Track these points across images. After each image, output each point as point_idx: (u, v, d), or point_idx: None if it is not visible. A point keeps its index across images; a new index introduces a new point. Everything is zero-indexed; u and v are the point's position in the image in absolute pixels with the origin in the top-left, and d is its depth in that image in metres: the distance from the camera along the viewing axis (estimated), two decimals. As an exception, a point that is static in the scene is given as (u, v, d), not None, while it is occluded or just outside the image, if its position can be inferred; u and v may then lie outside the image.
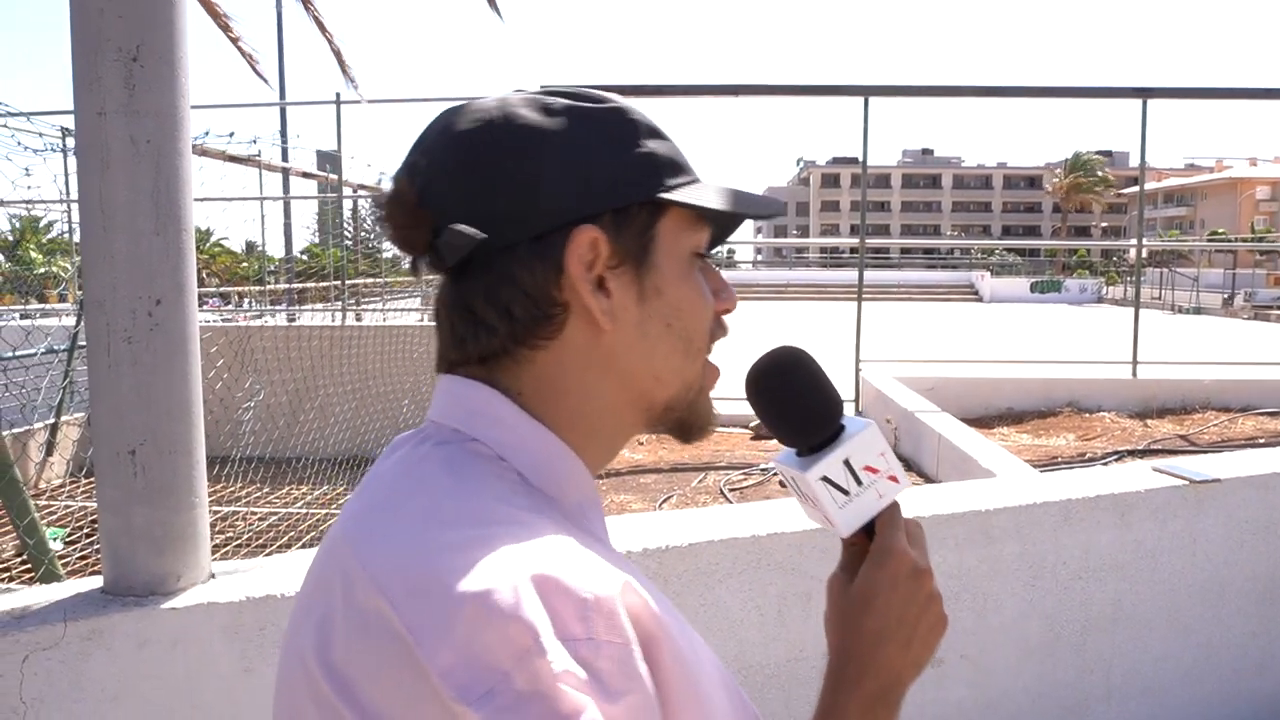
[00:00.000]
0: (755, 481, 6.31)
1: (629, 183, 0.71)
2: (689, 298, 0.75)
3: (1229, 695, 2.97)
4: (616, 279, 0.71)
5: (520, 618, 0.55)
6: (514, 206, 0.69)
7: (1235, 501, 2.89)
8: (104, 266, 1.76)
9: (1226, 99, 8.94)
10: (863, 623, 0.76)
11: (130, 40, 1.73)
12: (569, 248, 0.69)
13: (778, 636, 2.36)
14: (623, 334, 0.72)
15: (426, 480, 0.67)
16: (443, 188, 0.70)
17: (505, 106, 0.72)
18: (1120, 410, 8.20)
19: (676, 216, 0.74)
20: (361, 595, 0.60)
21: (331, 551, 0.67)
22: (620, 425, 0.76)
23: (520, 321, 0.70)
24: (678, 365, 0.75)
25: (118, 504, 1.83)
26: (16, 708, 1.68)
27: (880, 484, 0.78)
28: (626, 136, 0.73)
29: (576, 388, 0.72)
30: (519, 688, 0.54)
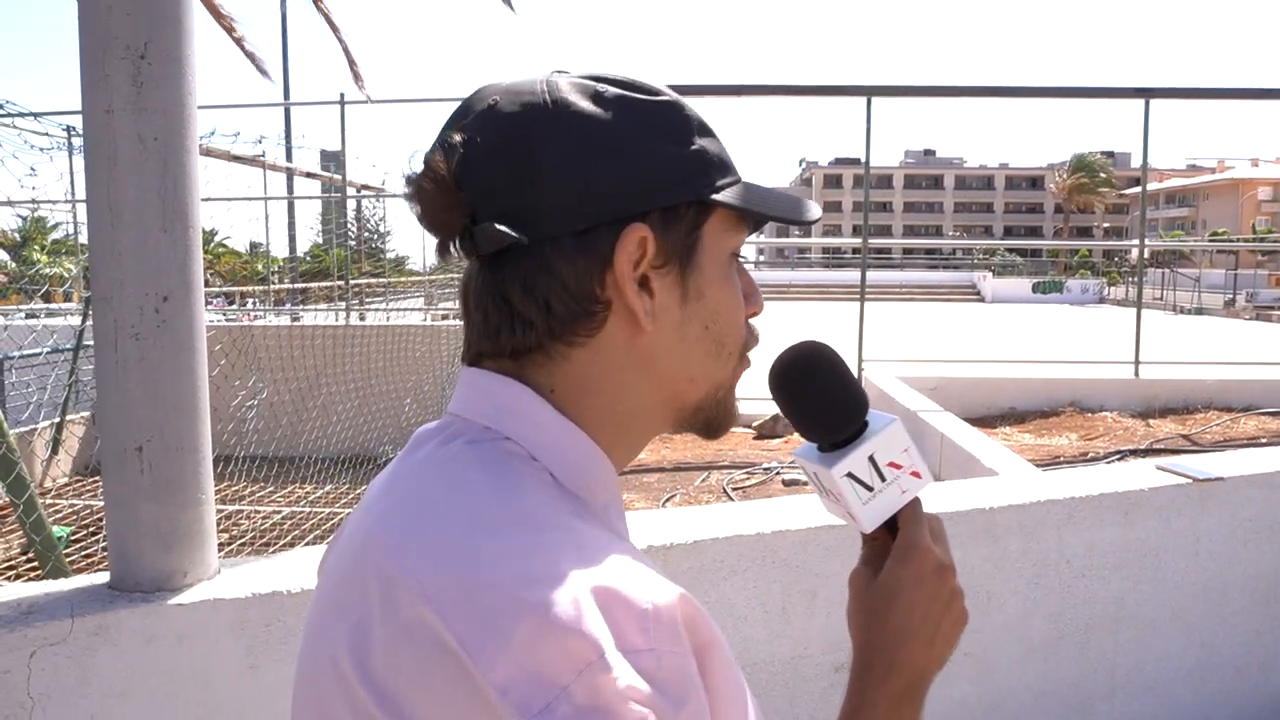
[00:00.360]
0: (758, 480, 6.31)
1: (680, 181, 0.69)
2: (727, 301, 0.73)
3: (1232, 694, 2.97)
4: (660, 279, 0.69)
5: (583, 631, 0.54)
6: (561, 197, 0.66)
7: (1239, 500, 2.89)
8: (111, 263, 1.77)
9: (1228, 99, 8.94)
10: (888, 619, 0.76)
11: (138, 38, 1.74)
12: (620, 245, 0.67)
13: (782, 634, 2.36)
14: (662, 335, 0.70)
15: (463, 481, 0.65)
16: (484, 171, 0.67)
17: (554, 91, 0.68)
18: (1123, 410, 8.20)
19: (721, 217, 0.72)
20: (404, 602, 0.58)
21: (363, 552, 0.65)
22: (650, 425, 0.75)
23: (559, 316, 0.68)
24: (710, 368, 0.73)
25: (125, 500, 1.83)
26: (24, 703, 1.69)
27: (903, 480, 0.78)
28: (679, 132, 0.70)
29: (611, 388, 0.70)
30: (580, 702, 0.53)
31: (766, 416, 7.85)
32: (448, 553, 0.59)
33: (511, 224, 0.66)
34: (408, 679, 0.57)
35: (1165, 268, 39.06)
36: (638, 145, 0.68)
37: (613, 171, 0.67)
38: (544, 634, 0.54)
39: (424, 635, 0.56)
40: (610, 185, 0.67)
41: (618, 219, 0.67)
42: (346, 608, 0.63)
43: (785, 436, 7.72)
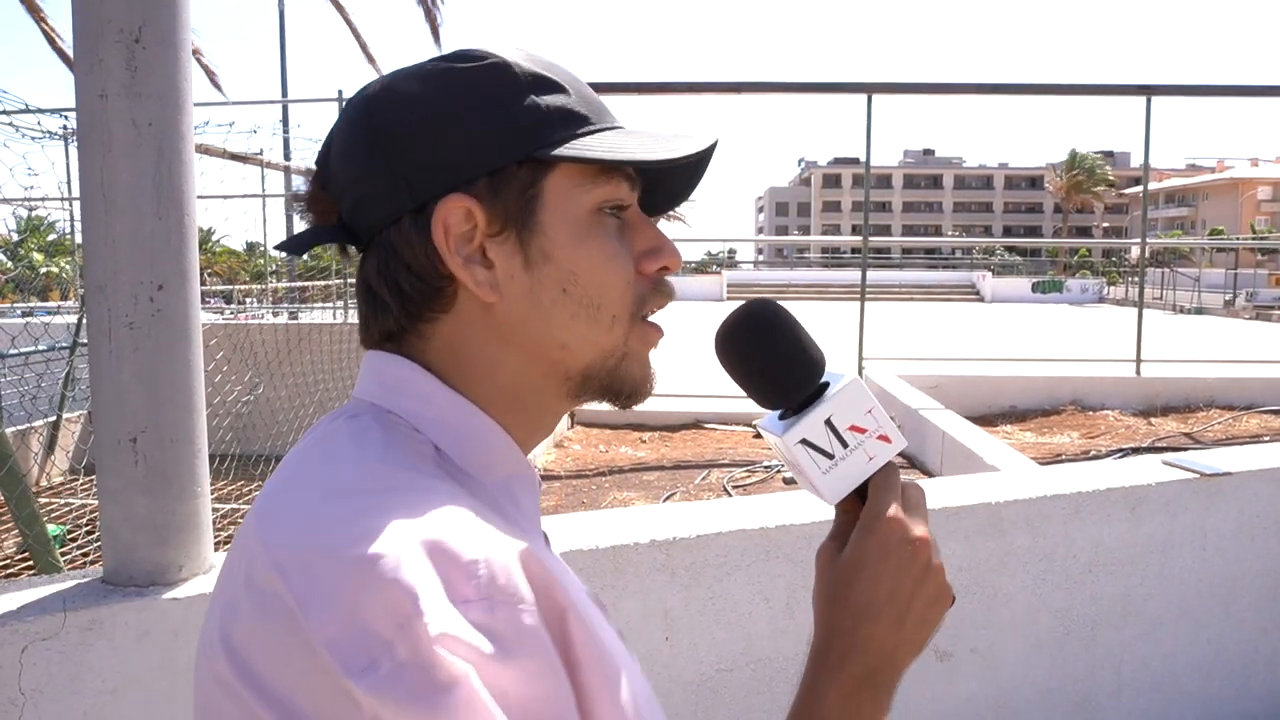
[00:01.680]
0: (759, 479, 6.28)
1: (502, 143, 0.66)
2: (588, 260, 0.69)
3: (1239, 691, 2.94)
4: (498, 246, 0.67)
5: (400, 581, 0.52)
6: (390, 181, 0.66)
7: (1246, 495, 2.86)
8: (105, 251, 1.74)
9: (1230, 96, 8.92)
10: (849, 595, 0.70)
11: (132, 21, 1.71)
12: (433, 219, 0.66)
13: (786, 629, 2.33)
14: (513, 304, 0.68)
15: (331, 454, 0.64)
16: (337, 169, 0.69)
17: (388, 79, 0.69)
18: (1124, 408, 8.18)
19: (568, 173, 0.68)
20: (260, 574, 0.57)
21: (241, 534, 0.64)
22: (542, 396, 0.72)
23: (410, 298, 0.68)
24: (586, 332, 0.69)
25: (119, 493, 1.80)
26: (15, 699, 1.66)
27: (869, 445, 0.71)
28: (502, 94, 0.67)
29: (482, 361, 0.69)
30: (401, 657, 0.51)
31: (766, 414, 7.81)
32: (297, 522, 0.58)
33: (359, 215, 0.68)
34: (262, 648, 0.56)
35: (1165, 267, 39.07)
36: (453, 115, 0.66)
37: (431, 146, 0.66)
38: (366, 589, 0.52)
39: (273, 603, 0.56)
40: (430, 160, 0.66)
41: (442, 193, 0.66)
42: (222, 589, 0.62)
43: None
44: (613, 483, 6.27)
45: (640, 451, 7.29)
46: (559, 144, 0.67)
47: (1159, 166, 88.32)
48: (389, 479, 0.61)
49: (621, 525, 2.26)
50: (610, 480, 6.32)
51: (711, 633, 2.27)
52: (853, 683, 0.68)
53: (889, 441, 0.72)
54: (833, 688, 0.68)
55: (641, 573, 2.19)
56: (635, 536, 2.19)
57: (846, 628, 0.69)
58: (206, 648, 0.61)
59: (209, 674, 0.60)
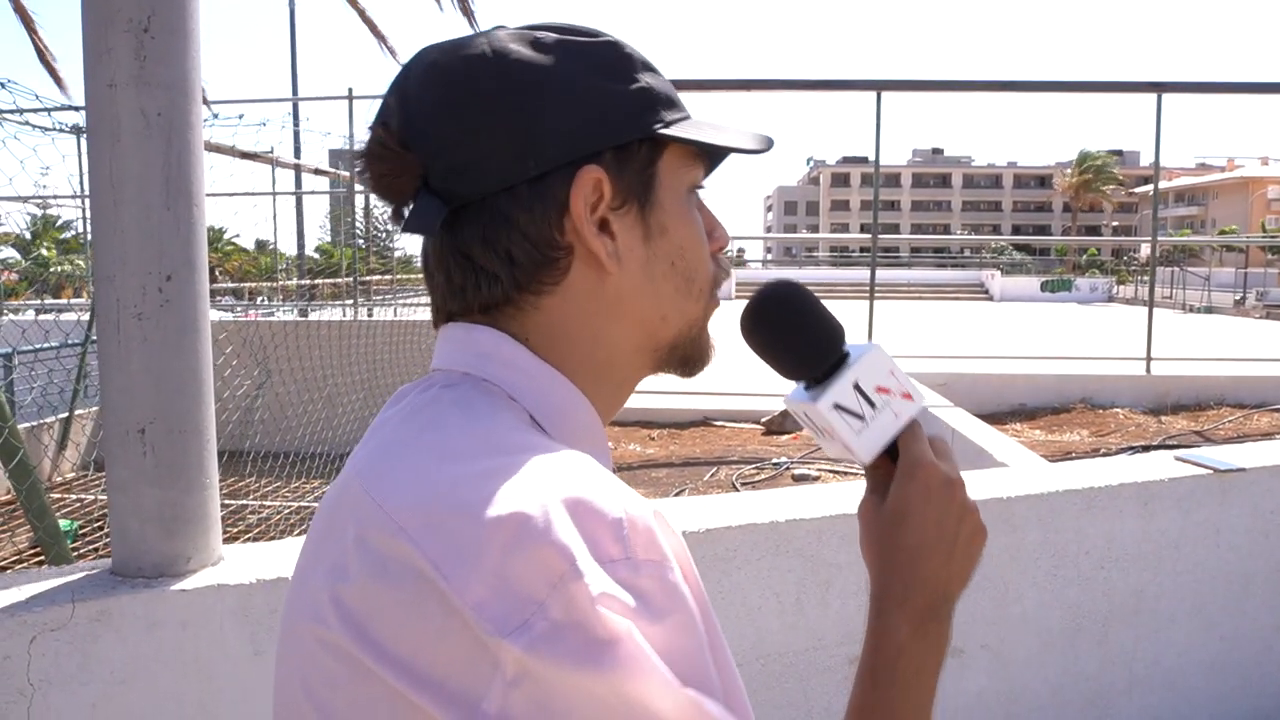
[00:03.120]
0: (767, 475, 6.27)
1: (629, 119, 0.68)
2: (690, 236, 0.72)
3: (1252, 689, 2.92)
4: (620, 219, 0.68)
5: (554, 541, 0.53)
6: (511, 147, 0.65)
7: (1260, 491, 2.84)
8: (114, 241, 1.73)
9: (1241, 94, 8.88)
10: (901, 539, 0.73)
11: (141, 11, 1.70)
12: (574, 189, 0.66)
13: (796, 624, 2.32)
14: (629, 276, 0.69)
15: (437, 419, 0.64)
16: (430, 129, 0.66)
17: (494, 42, 0.68)
18: (1134, 406, 8.14)
19: (675, 152, 0.71)
20: (377, 535, 0.57)
21: (340, 497, 0.64)
22: (630, 369, 0.74)
23: (522, 266, 0.67)
24: (682, 304, 0.73)
25: (127, 484, 1.80)
26: (24, 689, 1.66)
27: (895, 403, 0.76)
28: (623, 70, 0.69)
29: (585, 333, 0.70)
30: (555, 616, 0.52)
31: (775, 412, 7.81)
32: (418, 484, 0.58)
33: (463, 180, 0.66)
34: (384, 612, 0.55)
35: (1174, 266, 38.91)
36: (582, 87, 0.67)
37: (560, 115, 0.66)
38: (515, 549, 0.53)
39: (398, 566, 0.55)
40: (559, 129, 0.66)
41: (570, 162, 0.66)
42: (324, 554, 0.62)
43: (794, 432, 7.68)
44: (622, 479, 6.26)
45: (649, 449, 7.28)
46: (671, 125, 0.70)
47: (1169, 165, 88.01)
48: (506, 439, 0.61)
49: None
50: (620, 477, 6.31)
51: (721, 627, 2.26)
52: (918, 615, 0.72)
53: (911, 399, 0.76)
54: (903, 621, 0.72)
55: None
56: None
57: (903, 569, 0.73)
58: (308, 613, 0.61)
59: (312, 640, 0.59)
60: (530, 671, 0.51)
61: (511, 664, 0.52)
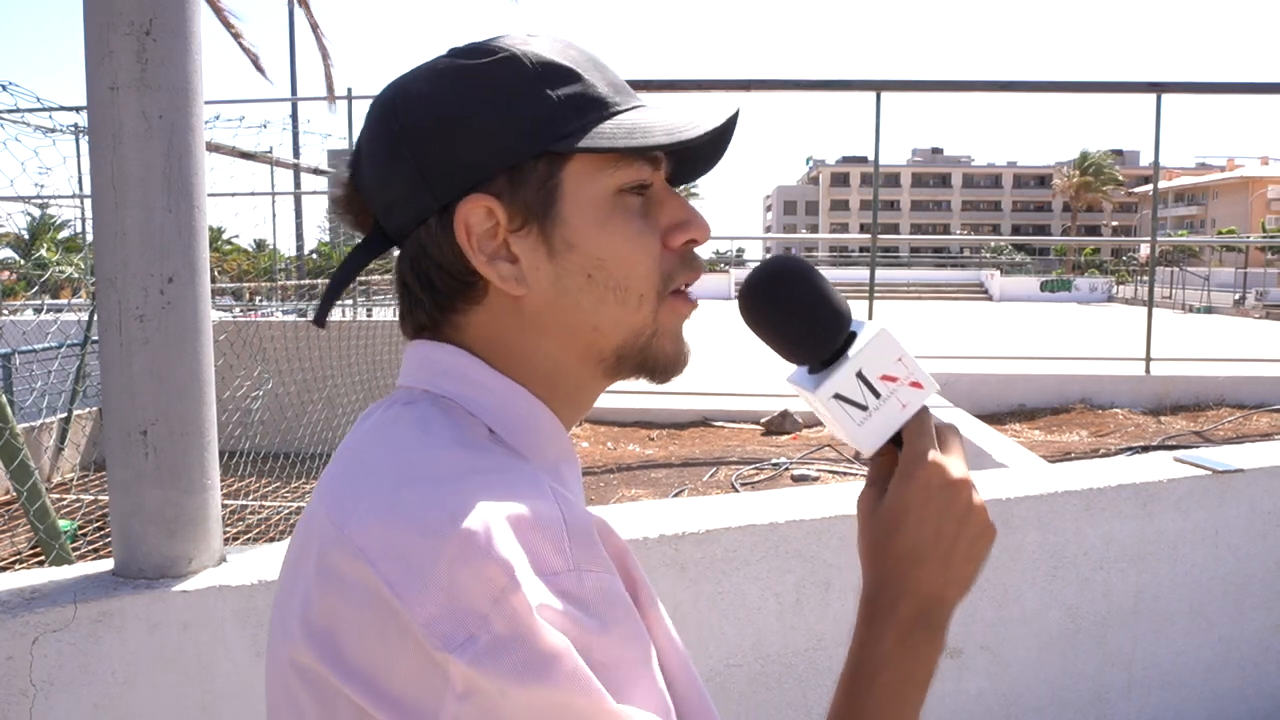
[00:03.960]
0: (767, 476, 6.27)
1: (517, 139, 0.67)
2: (612, 243, 0.69)
3: (1250, 690, 2.93)
4: (522, 240, 0.68)
5: (495, 556, 0.55)
6: (412, 184, 0.68)
7: (1258, 492, 2.85)
8: (116, 244, 1.74)
9: (1240, 94, 8.88)
10: (895, 542, 0.70)
11: (143, 14, 1.71)
12: (455, 221, 0.67)
13: (796, 625, 2.33)
14: (540, 293, 0.69)
15: (397, 439, 0.66)
16: (367, 174, 0.71)
17: (405, 81, 0.70)
18: (1133, 406, 8.15)
19: (586, 160, 0.68)
20: (338, 558, 0.59)
21: (310, 522, 0.66)
22: (578, 379, 0.73)
23: (442, 292, 0.70)
24: (615, 314, 0.70)
25: (129, 485, 1.80)
26: (26, 690, 1.66)
27: (902, 392, 0.71)
28: (513, 88, 0.67)
29: (518, 349, 0.71)
30: (498, 631, 0.54)
31: (774, 413, 7.81)
32: (377, 507, 0.60)
33: (390, 216, 0.70)
34: (347, 632, 0.57)
35: (1174, 266, 38.92)
36: (469, 114, 0.67)
37: (449, 147, 0.67)
38: (459, 565, 0.55)
39: (358, 587, 0.57)
40: (450, 161, 0.67)
41: (464, 192, 0.67)
42: (297, 578, 0.63)
43: (794, 432, 7.69)
44: (621, 480, 6.27)
45: (648, 449, 7.28)
46: (574, 134, 0.67)
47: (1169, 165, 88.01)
48: (460, 462, 0.62)
49: (630, 520, 2.26)
50: (619, 477, 6.32)
51: (720, 628, 2.27)
52: (906, 624, 0.69)
53: (921, 388, 0.72)
54: (888, 631, 0.69)
55: (650, 568, 2.18)
56: (644, 532, 2.18)
57: (895, 573, 0.70)
58: (282, 637, 0.63)
59: (286, 662, 0.62)
60: (476, 686, 0.53)
61: (459, 679, 0.53)
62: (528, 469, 0.64)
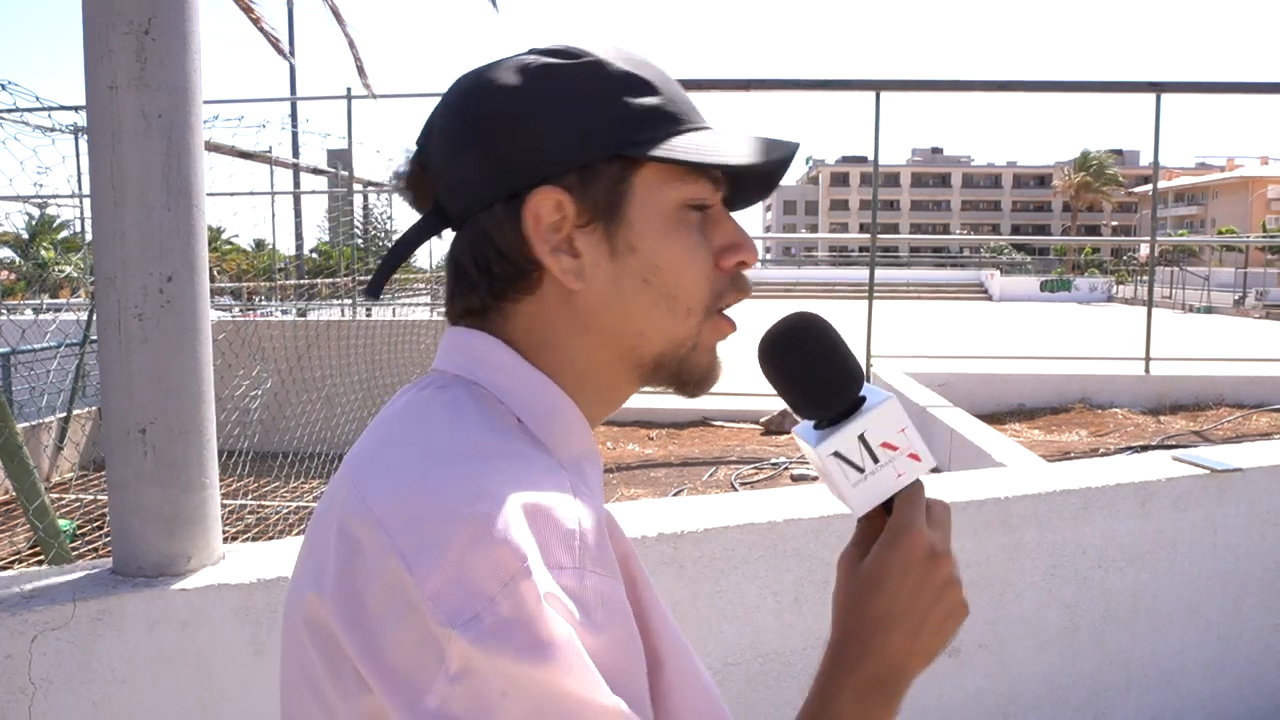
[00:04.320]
0: (766, 475, 6.28)
1: (595, 140, 0.70)
2: (671, 253, 0.72)
3: (1249, 689, 2.93)
4: (585, 237, 0.71)
5: (509, 542, 0.57)
6: (485, 169, 0.70)
7: (1257, 491, 2.85)
8: (115, 242, 1.74)
9: (1240, 94, 8.89)
10: (868, 604, 0.72)
11: (142, 13, 1.71)
12: (524, 209, 0.69)
13: (794, 624, 2.33)
14: (596, 292, 0.72)
15: (426, 420, 0.68)
16: (436, 153, 0.73)
17: (488, 70, 0.73)
18: (1133, 406, 8.15)
19: (657, 170, 0.72)
20: (358, 525, 0.61)
21: (334, 493, 0.68)
22: (612, 379, 0.75)
23: (498, 278, 0.72)
24: (662, 321, 0.73)
25: (128, 483, 1.80)
26: (25, 688, 1.66)
27: (899, 461, 0.73)
28: (597, 92, 0.71)
29: (560, 343, 0.73)
30: (504, 613, 0.55)
31: (773, 412, 7.81)
32: (401, 480, 0.62)
33: (454, 199, 0.72)
34: (358, 596, 0.59)
35: (1174, 266, 38.92)
36: (549, 111, 0.70)
37: (528, 139, 0.70)
38: (474, 545, 0.56)
39: (374, 554, 0.59)
40: (526, 152, 0.69)
41: (534, 183, 0.69)
42: (316, 543, 0.66)
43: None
44: (620, 479, 6.27)
45: (648, 449, 7.29)
46: (649, 143, 0.71)
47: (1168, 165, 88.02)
48: (488, 445, 0.65)
49: (629, 519, 2.26)
50: (618, 477, 6.32)
51: (718, 627, 2.27)
52: (865, 685, 0.71)
53: (919, 460, 0.74)
54: (846, 688, 0.71)
55: (649, 566, 2.17)
56: (643, 530, 2.18)
57: (863, 634, 0.72)
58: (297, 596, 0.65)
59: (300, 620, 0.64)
60: (472, 666, 0.55)
61: (456, 658, 0.55)
62: (550, 461, 0.67)
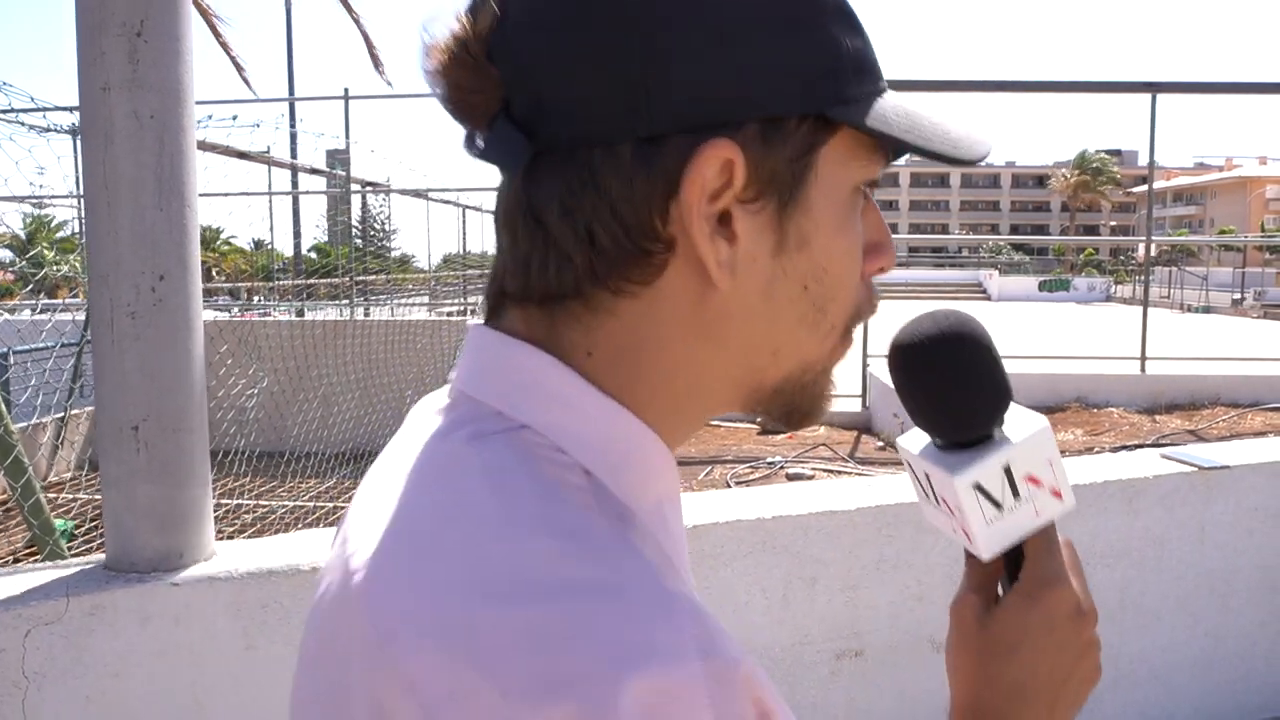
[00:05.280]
0: (762, 475, 6.30)
1: (795, 85, 0.49)
2: (841, 253, 0.54)
3: (1237, 685, 2.95)
4: (749, 219, 0.50)
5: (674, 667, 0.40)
6: (622, 90, 0.47)
7: (1244, 489, 2.87)
8: (108, 241, 1.76)
9: (1236, 93, 8.92)
10: (1006, 670, 0.61)
11: (134, 15, 1.73)
12: (692, 165, 0.48)
13: (783, 620, 2.35)
14: (742, 294, 0.51)
15: (464, 505, 0.47)
16: (524, 42, 0.49)
17: None
18: (1128, 406, 8.17)
19: (847, 138, 0.52)
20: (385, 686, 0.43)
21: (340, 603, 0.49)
22: (712, 404, 0.56)
23: (604, 253, 0.49)
24: (802, 340, 0.54)
25: (121, 480, 1.82)
26: (18, 682, 1.68)
27: (1040, 499, 0.61)
28: (803, 16, 0.50)
29: (667, 356, 0.52)
30: None
31: (771, 411, 7.82)
32: (440, 627, 0.43)
33: (550, 118, 0.49)
34: None
35: (1172, 266, 38.97)
36: (736, 27, 0.48)
37: (698, 63, 0.48)
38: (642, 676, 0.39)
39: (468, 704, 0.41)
40: (692, 81, 0.48)
41: (697, 128, 0.48)
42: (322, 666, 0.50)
43: (788, 431, 7.71)
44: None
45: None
46: (857, 102, 0.51)
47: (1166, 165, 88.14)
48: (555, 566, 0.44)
49: (619, 516, 2.28)
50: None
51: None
52: None
53: (1060, 498, 0.62)
54: None
55: (639, 563, 2.20)
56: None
57: (997, 705, 0.62)
58: None
59: None
60: None
61: None
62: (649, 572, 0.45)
